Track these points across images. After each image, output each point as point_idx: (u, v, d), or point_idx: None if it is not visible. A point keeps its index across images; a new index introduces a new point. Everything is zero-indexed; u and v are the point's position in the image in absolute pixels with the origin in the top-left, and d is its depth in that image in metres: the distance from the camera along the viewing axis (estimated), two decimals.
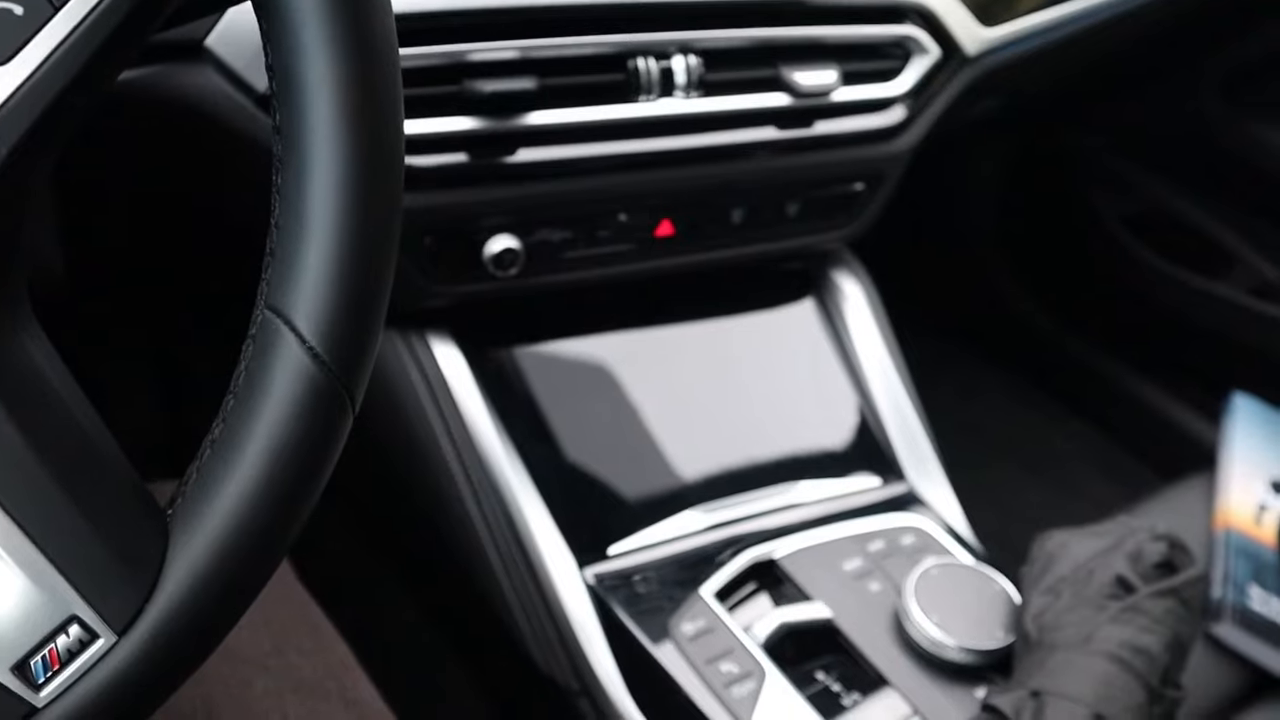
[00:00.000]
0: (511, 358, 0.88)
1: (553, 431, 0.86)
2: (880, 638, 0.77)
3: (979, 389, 1.96)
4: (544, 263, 0.83)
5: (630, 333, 0.93)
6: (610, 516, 0.84)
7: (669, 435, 0.89)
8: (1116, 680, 0.64)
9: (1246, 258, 1.64)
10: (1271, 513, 1.18)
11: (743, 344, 0.97)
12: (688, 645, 0.74)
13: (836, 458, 0.93)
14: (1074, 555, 0.73)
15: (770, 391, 0.95)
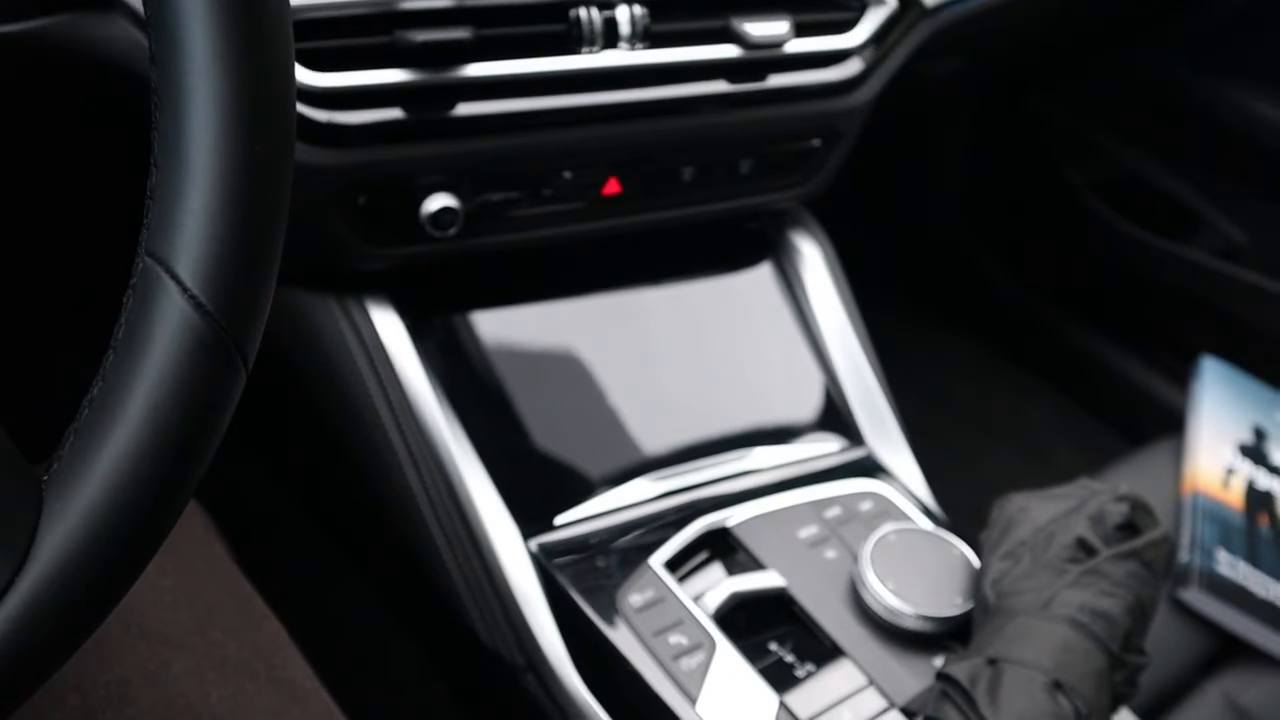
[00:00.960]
0: (454, 323, 0.85)
1: (497, 399, 0.83)
2: (836, 607, 0.74)
3: (949, 357, 1.94)
4: (484, 223, 0.80)
5: (580, 297, 0.90)
6: (557, 486, 0.81)
7: (620, 402, 0.86)
8: (1076, 646, 0.62)
9: (1214, 220, 1.62)
10: (1239, 476, 1.16)
11: (697, 307, 0.94)
12: (635, 617, 0.71)
13: (794, 423, 0.90)
14: (1034, 519, 0.70)
15: (726, 356, 0.92)
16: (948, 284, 2.00)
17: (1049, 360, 1.85)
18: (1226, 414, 1.23)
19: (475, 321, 0.86)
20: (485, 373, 0.84)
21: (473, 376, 0.83)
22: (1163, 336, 1.66)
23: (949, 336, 1.97)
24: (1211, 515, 1.12)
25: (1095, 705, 0.60)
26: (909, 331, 1.96)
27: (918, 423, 1.78)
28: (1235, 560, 1.09)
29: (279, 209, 0.41)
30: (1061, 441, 1.76)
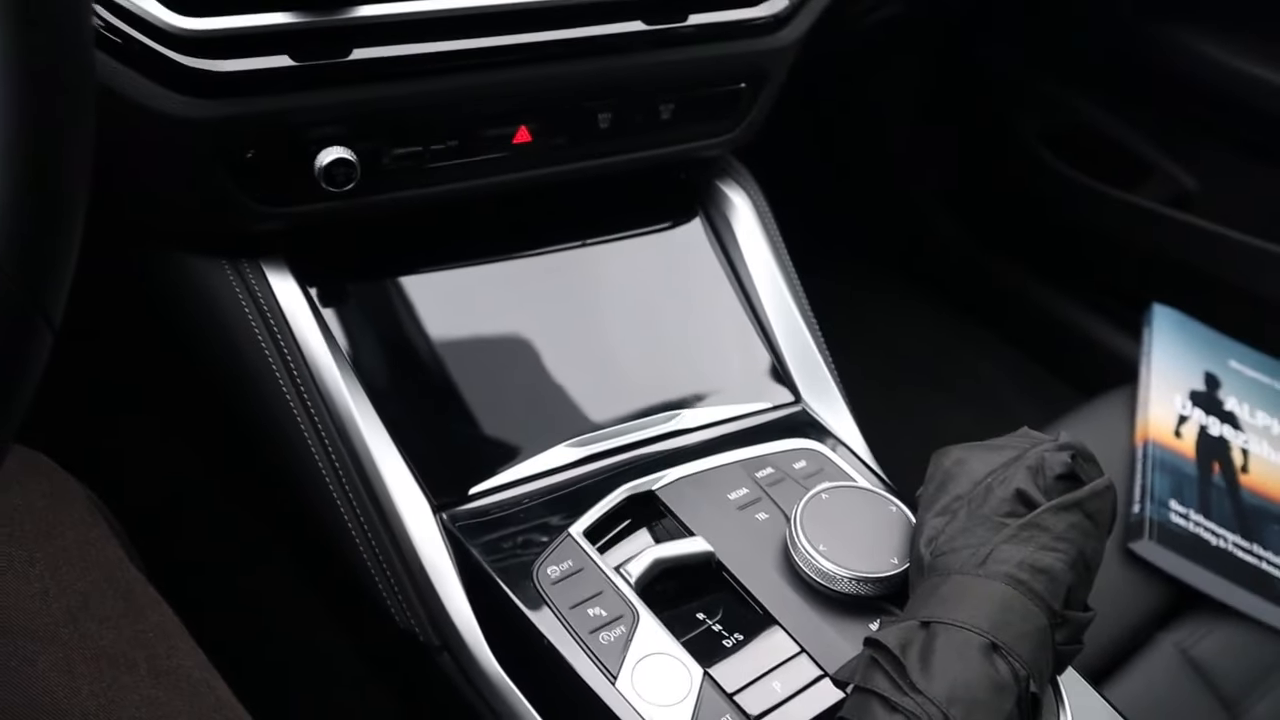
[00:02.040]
0: (359, 287, 0.80)
1: (406, 367, 0.78)
2: (767, 572, 0.70)
3: (903, 313, 1.90)
4: (384, 178, 0.75)
5: (495, 256, 0.85)
6: (471, 455, 0.76)
7: (539, 365, 0.82)
8: (1014, 604, 0.58)
9: (1165, 167, 1.59)
10: (1191, 424, 1.13)
11: (622, 264, 0.89)
12: (551, 589, 0.67)
13: (725, 382, 0.86)
14: (972, 472, 0.66)
15: (653, 314, 0.87)
16: (899, 238, 1.96)
17: (1002, 313, 1.82)
18: (1178, 362, 1.20)
19: (382, 285, 0.81)
20: (393, 339, 0.79)
21: (379, 343, 0.78)
22: (1115, 286, 1.63)
23: (902, 291, 1.93)
24: (1164, 465, 1.09)
25: (1035, 666, 0.56)
26: (861, 286, 1.92)
27: (871, 380, 1.74)
28: (1188, 510, 1.06)
29: (78, 146, 0.35)
30: (1017, 395, 1.73)
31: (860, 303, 1.90)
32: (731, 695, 0.63)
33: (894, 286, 1.95)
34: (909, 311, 1.91)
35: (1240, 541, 1.06)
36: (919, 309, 1.92)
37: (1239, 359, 1.24)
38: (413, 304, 0.81)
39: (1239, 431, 1.16)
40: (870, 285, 1.94)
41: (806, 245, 1.87)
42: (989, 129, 1.75)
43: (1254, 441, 1.16)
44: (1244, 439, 1.16)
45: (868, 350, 1.82)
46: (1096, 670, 1.00)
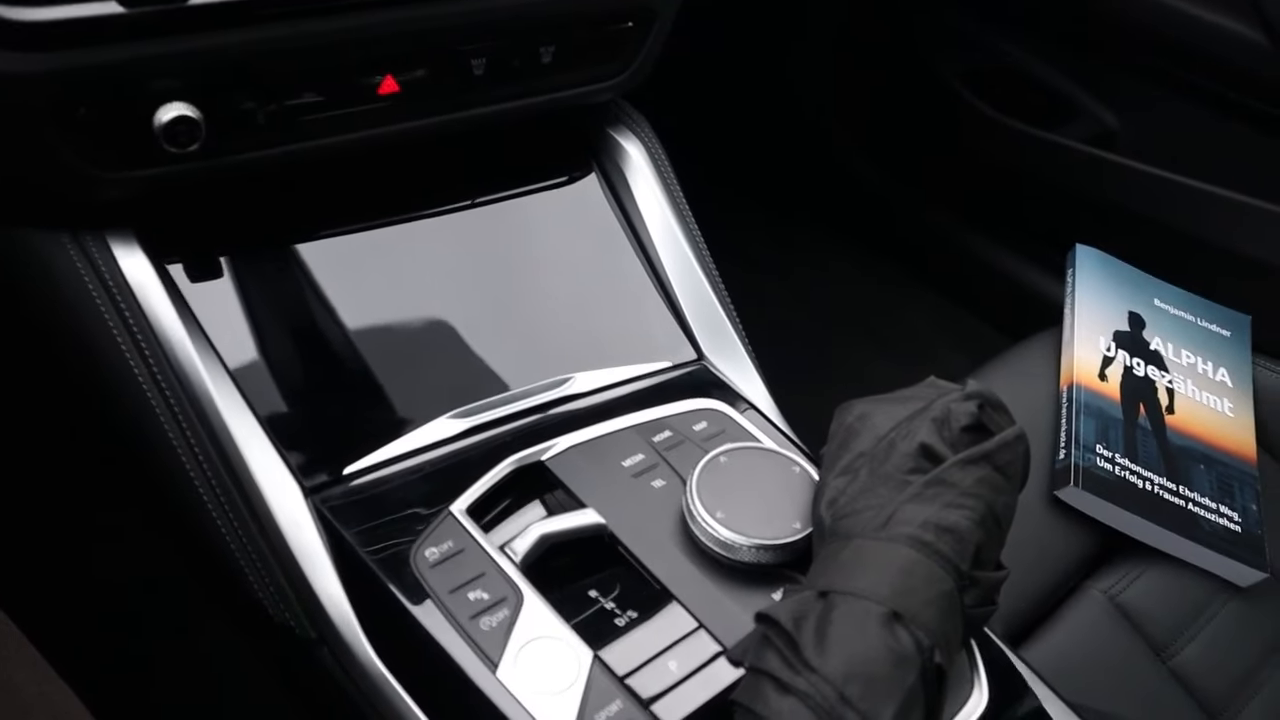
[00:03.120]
0: (220, 260, 0.74)
1: (274, 343, 0.72)
2: (664, 543, 0.65)
3: (825, 264, 1.86)
4: (234, 137, 0.68)
5: (373, 219, 0.80)
6: (347, 434, 0.70)
7: (421, 334, 0.76)
8: (918, 568, 0.53)
9: (1086, 106, 1.56)
10: (1116, 366, 1.10)
11: (511, 223, 0.84)
12: (429, 573, 0.62)
13: (621, 342, 0.81)
14: (875, 427, 0.62)
15: (544, 273, 0.82)
16: (819, 185, 1.92)
17: (928, 260, 1.79)
18: (1102, 303, 1.17)
19: (247, 256, 0.75)
20: (259, 314, 0.73)
21: (244, 319, 0.73)
22: (1040, 228, 1.59)
23: (824, 240, 1.89)
24: (1090, 408, 1.06)
25: (941, 634, 0.52)
26: (782, 237, 1.88)
27: (795, 332, 1.71)
28: (1114, 454, 1.03)
29: None
30: (946, 343, 1.70)
31: (781, 254, 1.86)
32: (623, 678, 0.58)
33: (815, 236, 1.91)
34: (831, 261, 1.87)
35: (1166, 484, 1.03)
36: (841, 258, 1.88)
37: (1163, 297, 1.21)
38: (281, 275, 0.75)
39: (1164, 371, 1.13)
40: (791, 236, 1.90)
41: (721, 196, 1.82)
42: (909, 71, 1.71)
43: (1179, 381, 1.13)
44: (1169, 379, 1.13)
45: (792, 302, 1.78)
46: (1025, 622, 0.97)
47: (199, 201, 0.74)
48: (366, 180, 0.80)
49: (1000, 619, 0.94)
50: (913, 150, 1.78)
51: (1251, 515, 1.04)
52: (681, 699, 0.58)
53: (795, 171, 1.94)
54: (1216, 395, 1.13)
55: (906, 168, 1.78)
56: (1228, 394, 1.14)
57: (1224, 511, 1.04)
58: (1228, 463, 1.08)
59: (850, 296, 1.83)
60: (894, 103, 1.76)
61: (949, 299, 1.75)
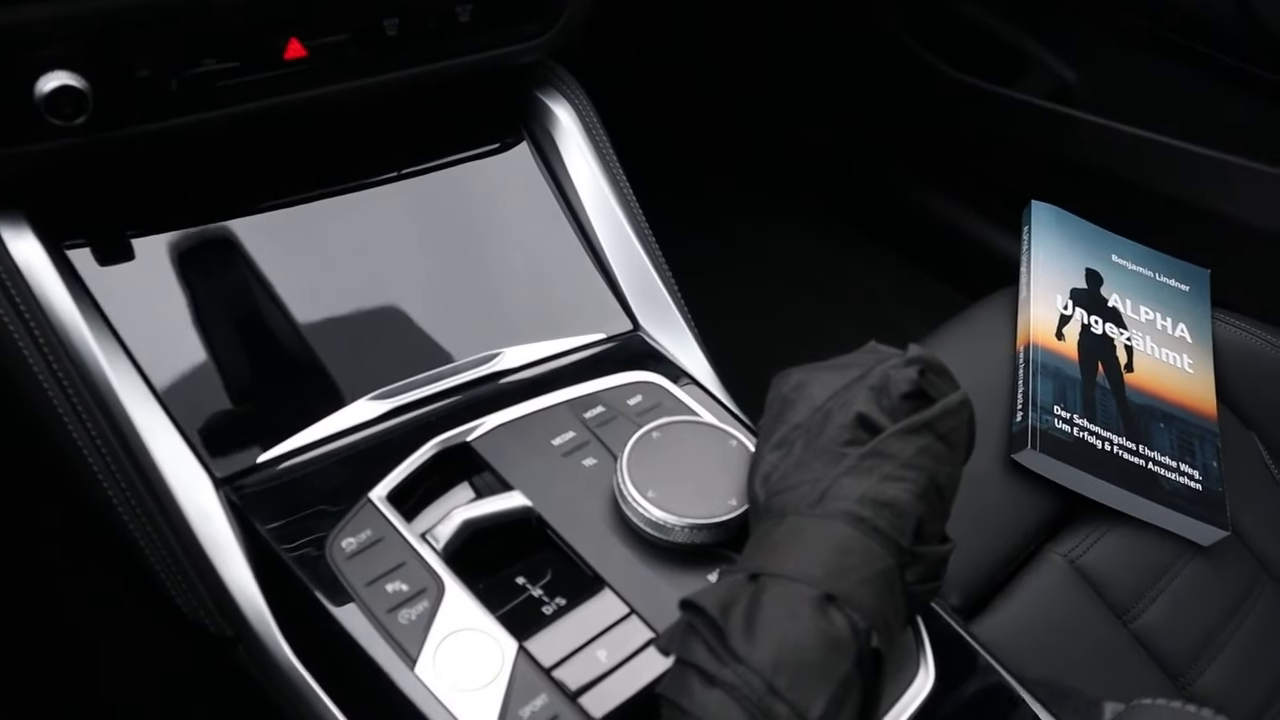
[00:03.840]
0: (123, 242, 0.70)
1: (182, 328, 0.68)
2: (594, 525, 0.62)
3: (780, 226, 1.83)
4: (126, 108, 0.64)
5: (290, 195, 0.75)
6: (261, 420, 0.67)
7: (340, 314, 0.73)
8: (855, 546, 0.50)
9: (1044, 60, 1.53)
10: (1073, 324, 1.07)
11: (437, 194, 0.80)
12: (346, 565, 0.58)
13: (553, 314, 0.77)
14: (812, 397, 0.58)
15: (472, 246, 0.78)
16: (772, 146, 1.88)
17: (887, 221, 1.76)
18: (1059, 260, 1.14)
19: (153, 237, 0.71)
20: (166, 298, 0.69)
21: (147, 302, 0.69)
22: (998, 186, 1.57)
23: (778, 202, 1.86)
24: (1047, 369, 1.03)
25: (879, 615, 0.49)
26: (734, 200, 1.84)
27: (749, 297, 1.68)
28: (1072, 414, 1.00)
29: None
30: (906, 306, 1.67)
31: (739, 219, 1.82)
32: (549, 670, 0.55)
33: (772, 200, 1.87)
34: (789, 225, 1.84)
35: (1126, 443, 1.01)
36: (799, 222, 1.84)
37: (1121, 253, 1.19)
38: (189, 256, 0.71)
39: (1122, 329, 1.11)
40: (748, 200, 1.86)
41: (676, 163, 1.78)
42: (864, 29, 1.67)
43: (1138, 338, 1.11)
44: (1128, 336, 1.10)
45: (749, 267, 1.75)
46: (984, 590, 0.95)
47: (99, 180, 0.69)
48: (282, 153, 0.76)
49: (958, 588, 0.92)
50: (869, 110, 1.75)
51: (1212, 473, 1.02)
52: (611, 690, 0.55)
53: (743, 131, 1.90)
54: (1176, 351, 1.11)
55: (863, 128, 1.75)
56: (1187, 350, 1.11)
57: (1185, 470, 1.01)
58: (1188, 420, 1.06)
59: (808, 260, 1.80)
60: (849, 62, 1.73)
61: (909, 260, 1.72)
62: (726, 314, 1.66)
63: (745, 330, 1.54)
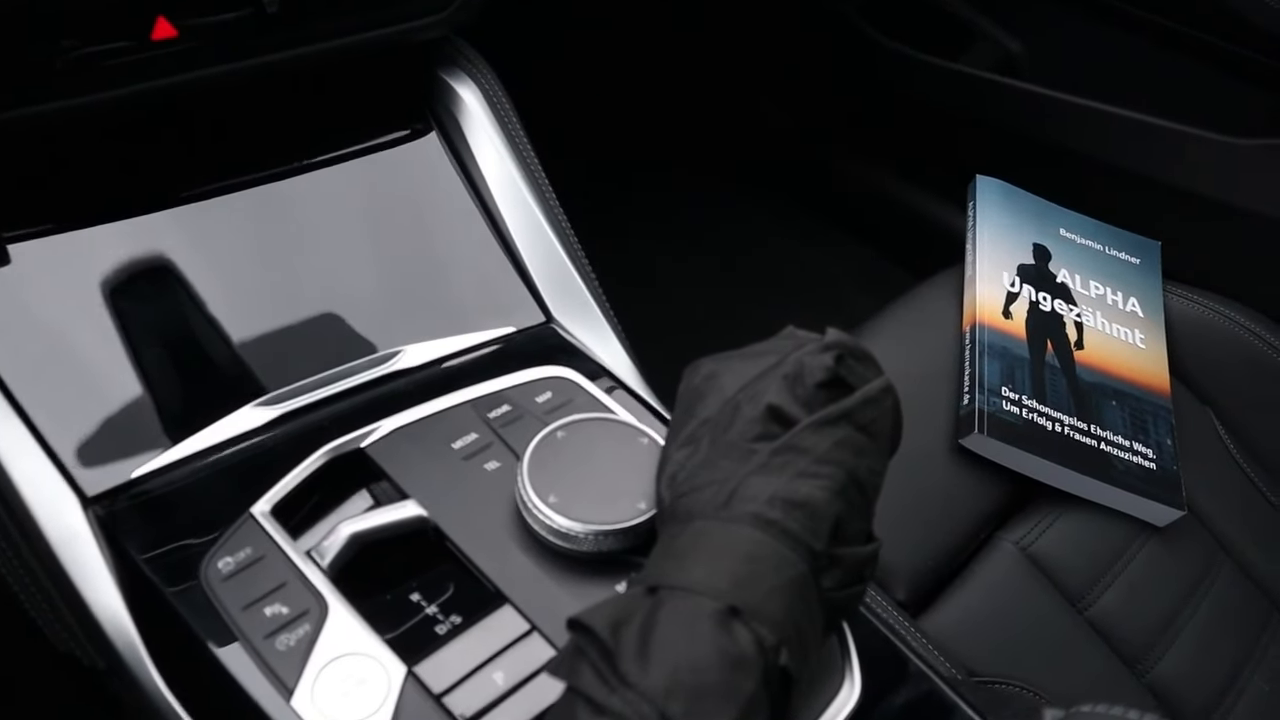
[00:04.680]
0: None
1: (45, 335, 0.63)
2: (495, 535, 0.57)
3: (735, 210, 1.78)
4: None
5: (168, 189, 0.70)
6: (136, 432, 0.62)
7: (226, 315, 0.68)
8: (764, 552, 0.46)
9: (989, 32, 1.49)
10: (1021, 301, 1.03)
11: (332, 184, 0.75)
12: (221, 587, 0.53)
13: (459, 309, 0.72)
14: (723, 388, 0.54)
15: (372, 240, 0.73)
16: (716, 126, 1.83)
17: (837, 202, 1.72)
18: (1005, 235, 1.10)
19: (18, 242, 0.65)
20: (27, 303, 0.64)
21: (7, 311, 0.63)
22: (946, 161, 1.52)
23: (724, 184, 1.81)
24: (995, 349, 0.99)
25: (790, 627, 0.45)
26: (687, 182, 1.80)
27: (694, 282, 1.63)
28: (1021, 396, 0.96)
29: None
30: (857, 287, 1.63)
31: (686, 204, 1.78)
32: (440, 696, 0.51)
33: (720, 182, 1.83)
34: (737, 207, 1.79)
35: (1077, 424, 0.97)
36: (747, 204, 1.80)
37: (1069, 227, 1.15)
38: (59, 260, 0.66)
39: (1072, 305, 1.07)
40: (694, 183, 1.82)
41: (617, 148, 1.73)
42: (807, 5, 1.62)
43: (1088, 314, 1.07)
44: (1077, 312, 1.07)
45: (694, 251, 1.70)
46: (933, 582, 0.91)
47: None
48: (160, 144, 0.70)
49: (904, 581, 0.88)
50: (816, 88, 1.70)
51: (1167, 451, 0.99)
52: (507, 716, 0.50)
53: (686, 111, 1.85)
54: (1127, 327, 1.07)
55: (810, 106, 1.71)
56: (1139, 325, 1.08)
57: (1138, 449, 0.98)
58: (1141, 397, 1.02)
59: (757, 243, 1.76)
60: (790, 36, 1.68)
61: (859, 241, 1.68)
62: (676, 306, 1.62)
63: (693, 324, 1.50)
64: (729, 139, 1.86)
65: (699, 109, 1.84)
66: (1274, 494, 1.03)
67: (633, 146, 1.80)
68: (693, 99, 1.85)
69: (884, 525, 0.90)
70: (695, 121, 1.85)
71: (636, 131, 1.81)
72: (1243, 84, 1.28)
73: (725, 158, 1.83)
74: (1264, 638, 0.96)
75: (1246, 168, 1.24)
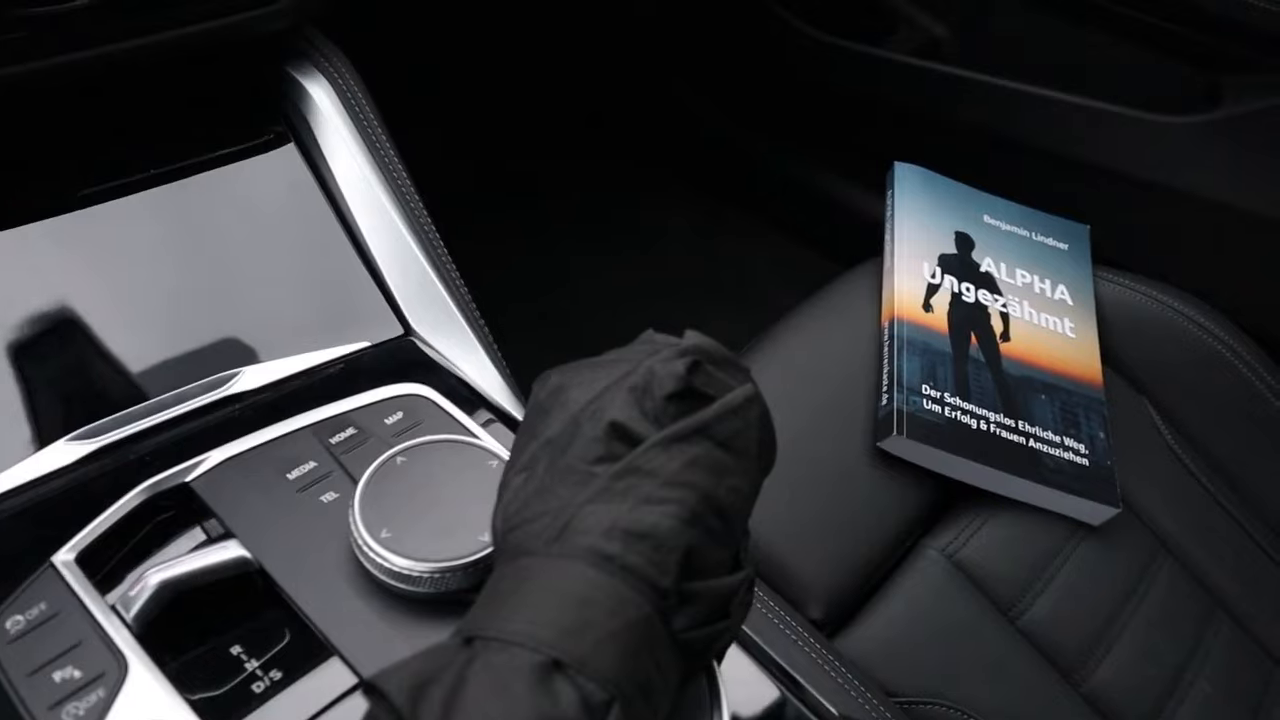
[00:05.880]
0: None
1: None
2: (327, 576, 0.51)
3: (657, 207, 1.72)
4: None
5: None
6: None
7: (39, 342, 0.61)
8: (598, 594, 0.40)
9: (912, 16, 1.44)
10: (943, 293, 0.98)
11: (168, 195, 0.69)
12: (7, 649, 0.47)
13: (307, 325, 0.66)
14: (568, 404, 0.48)
15: (210, 252, 0.67)
16: (650, 122, 1.78)
17: (763, 196, 1.66)
18: (925, 224, 1.05)
19: None
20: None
21: None
22: (872, 151, 1.47)
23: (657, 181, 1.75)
24: (914, 344, 0.94)
25: (626, 680, 0.39)
26: (609, 179, 1.74)
27: (618, 287, 1.57)
28: (943, 393, 0.91)
29: None
30: (785, 284, 1.57)
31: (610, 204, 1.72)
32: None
33: (644, 178, 1.77)
34: (660, 204, 1.73)
35: (1004, 420, 0.92)
36: (670, 199, 1.74)
37: (994, 213, 1.10)
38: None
39: (997, 295, 1.02)
40: (617, 179, 1.76)
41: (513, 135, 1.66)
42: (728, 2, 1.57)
43: (1014, 304, 1.02)
44: (1003, 302, 1.01)
45: (613, 254, 1.64)
46: (852, 598, 0.85)
47: None
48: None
49: (819, 599, 0.82)
50: (738, 79, 1.65)
51: (1100, 445, 0.93)
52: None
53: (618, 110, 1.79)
54: (1056, 315, 1.02)
55: (733, 98, 1.65)
56: (1068, 313, 1.03)
57: (1069, 445, 0.93)
58: (1071, 389, 0.97)
59: (680, 240, 1.70)
60: (710, 26, 1.63)
61: (782, 232, 1.63)
62: (584, 305, 1.56)
63: (603, 326, 1.44)
64: (642, 126, 1.80)
65: (608, 93, 1.78)
66: (1213, 484, 0.99)
67: (537, 137, 1.74)
68: (601, 83, 1.79)
69: (798, 539, 0.86)
70: (605, 107, 1.78)
71: (542, 120, 1.75)
72: (1176, 62, 1.23)
73: (638, 146, 1.77)
74: (1206, 637, 0.91)
75: (1180, 147, 1.20)
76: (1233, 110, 1.16)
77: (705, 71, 1.65)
